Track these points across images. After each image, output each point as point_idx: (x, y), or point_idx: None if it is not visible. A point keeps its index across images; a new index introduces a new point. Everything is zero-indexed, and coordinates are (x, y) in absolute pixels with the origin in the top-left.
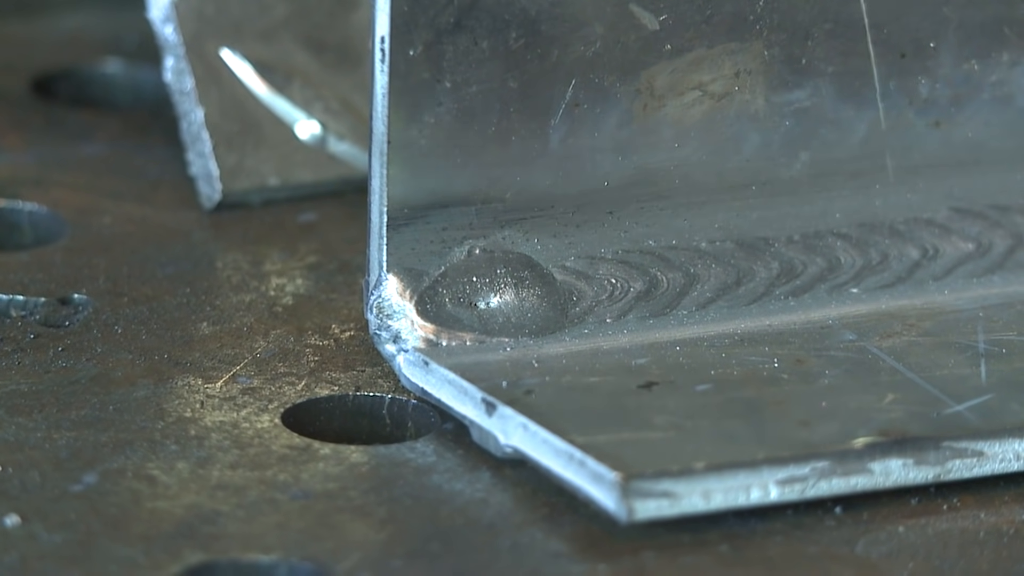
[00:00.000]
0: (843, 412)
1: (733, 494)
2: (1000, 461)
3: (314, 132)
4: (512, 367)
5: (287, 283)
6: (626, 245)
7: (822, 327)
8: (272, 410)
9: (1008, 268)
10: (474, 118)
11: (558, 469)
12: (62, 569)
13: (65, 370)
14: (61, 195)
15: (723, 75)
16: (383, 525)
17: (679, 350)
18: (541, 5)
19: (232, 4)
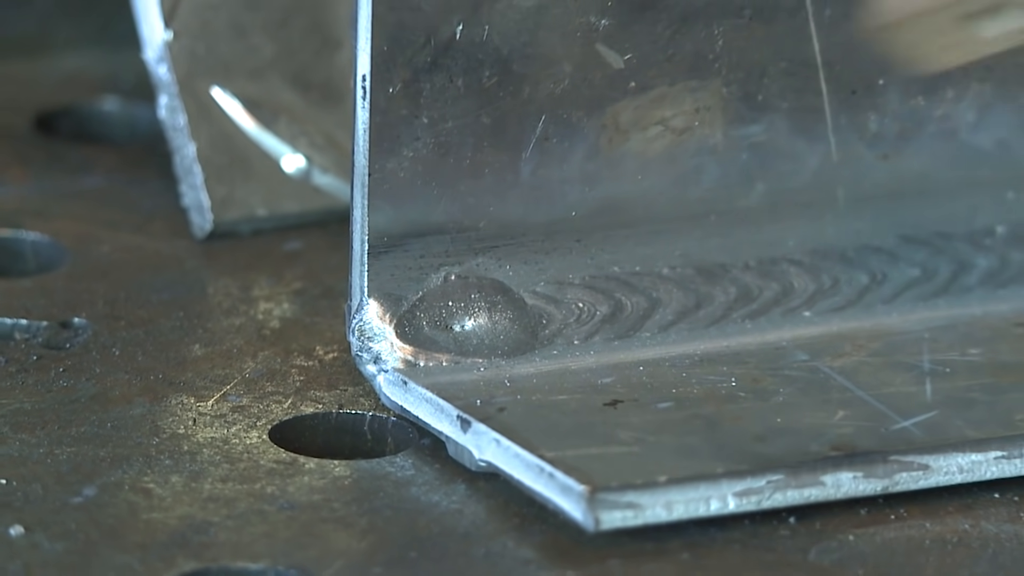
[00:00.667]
0: (797, 428)
1: (693, 505)
2: (944, 474)
3: (299, 166)
4: (485, 386)
5: (274, 307)
6: (592, 271)
7: (777, 348)
8: (260, 427)
9: (952, 292)
10: (450, 152)
11: (529, 482)
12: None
13: (66, 389)
14: (62, 225)
15: (684, 111)
16: (364, 534)
17: (642, 370)
18: (513, 45)
19: (222, 45)
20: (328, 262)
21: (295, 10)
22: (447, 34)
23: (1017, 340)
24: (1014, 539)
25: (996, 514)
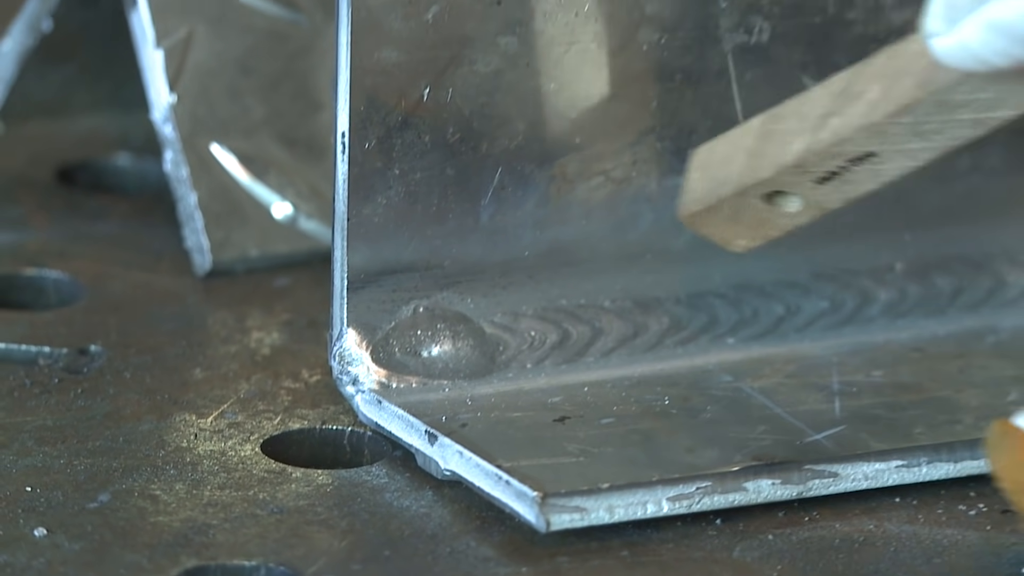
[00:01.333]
0: (722, 441)
1: (632, 508)
2: (851, 480)
3: (287, 212)
4: (450, 405)
5: (265, 336)
6: (543, 304)
7: (704, 371)
8: (253, 441)
9: (856, 322)
10: (418, 199)
11: (488, 488)
12: (81, 572)
13: (83, 408)
14: (80, 265)
15: (623, 163)
16: (344, 535)
17: (587, 390)
18: (473, 106)
19: (220, 107)
20: (312, 296)
21: (283, 76)
22: (416, 96)
23: (915, 363)
24: (913, 538)
25: (897, 516)
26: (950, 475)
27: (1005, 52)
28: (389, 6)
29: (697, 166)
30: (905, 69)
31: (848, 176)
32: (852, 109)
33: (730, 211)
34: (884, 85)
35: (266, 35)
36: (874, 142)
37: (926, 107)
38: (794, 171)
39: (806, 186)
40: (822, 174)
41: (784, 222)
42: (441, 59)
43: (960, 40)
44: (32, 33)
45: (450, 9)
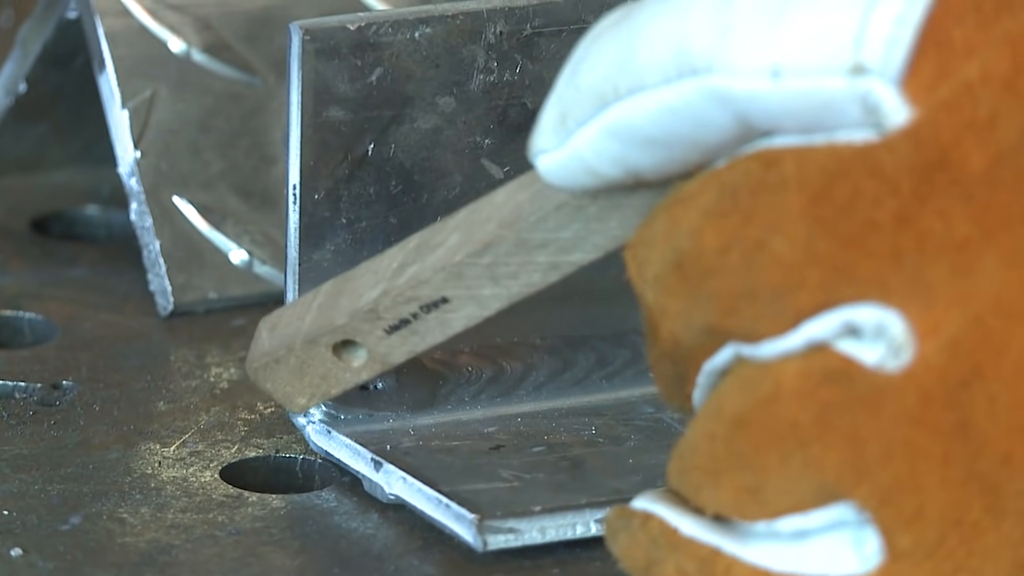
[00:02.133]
0: (645, 467)
1: (562, 530)
2: None
3: (243, 258)
4: (394, 434)
5: (224, 372)
6: (480, 341)
7: (628, 403)
8: (213, 467)
9: None
10: (364, 246)
11: (429, 511)
12: None
13: (56, 438)
14: (54, 306)
15: None
16: (297, 554)
17: (520, 421)
18: (414, 160)
19: (181, 161)
20: None
21: (239, 134)
22: (361, 151)
23: None
24: None
25: None
26: None
27: (619, 159)
28: (336, 69)
29: (267, 327)
30: (487, 216)
31: (417, 326)
32: (430, 256)
33: (296, 363)
34: (464, 232)
35: (223, 96)
36: (450, 285)
37: (506, 246)
38: (366, 316)
39: (375, 336)
40: (393, 322)
41: (348, 376)
42: (384, 117)
43: (572, 150)
44: (8, 95)
45: (392, 72)
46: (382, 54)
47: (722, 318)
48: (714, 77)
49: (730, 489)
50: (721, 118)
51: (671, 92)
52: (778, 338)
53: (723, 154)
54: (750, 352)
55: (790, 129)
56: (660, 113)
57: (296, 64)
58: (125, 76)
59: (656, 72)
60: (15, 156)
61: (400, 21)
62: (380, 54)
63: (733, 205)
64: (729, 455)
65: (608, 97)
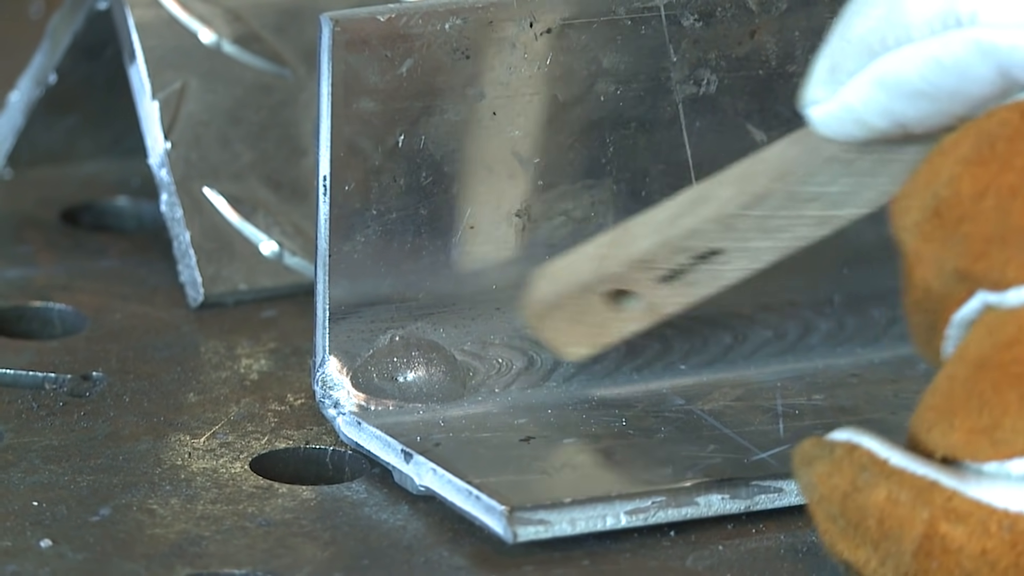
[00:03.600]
0: (675, 459)
1: (592, 521)
2: (795, 496)
3: (273, 249)
4: (424, 426)
5: (254, 363)
6: (510, 333)
7: (658, 394)
8: (243, 459)
9: (799, 350)
10: (394, 237)
11: (459, 503)
12: None
13: (86, 429)
14: (84, 298)
15: (582, 204)
16: (327, 546)
17: (550, 412)
18: (444, 151)
19: (211, 153)
20: (297, 326)
21: (270, 125)
22: (391, 143)
23: (852, 388)
24: None
25: None
26: None
27: (887, 110)
28: (366, 60)
29: (543, 275)
30: (760, 170)
31: (690, 276)
32: (703, 208)
33: (573, 311)
34: (737, 185)
35: (253, 87)
36: (722, 237)
37: (777, 199)
38: (640, 265)
39: (648, 285)
40: (666, 271)
41: (620, 326)
42: (414, 109)
43: (842, 102)
44: (39, 86)
45: (422, 63)
46: (412, 45)
47: (972, 263)
48: (978, 29)
49: (963, 430)
50: (984, 70)
51: (936, 44)
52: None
53: (986, 108)
54: (997, 300)
55: None
56: (926, 65)
57: (326, 55)
58: (155, 67)
59: (922, 24)
60: (45, 147)
61: (431, 12)
62: (410, 45)
63: (990, 153)
64: (967, 395)
65: (876, 49)
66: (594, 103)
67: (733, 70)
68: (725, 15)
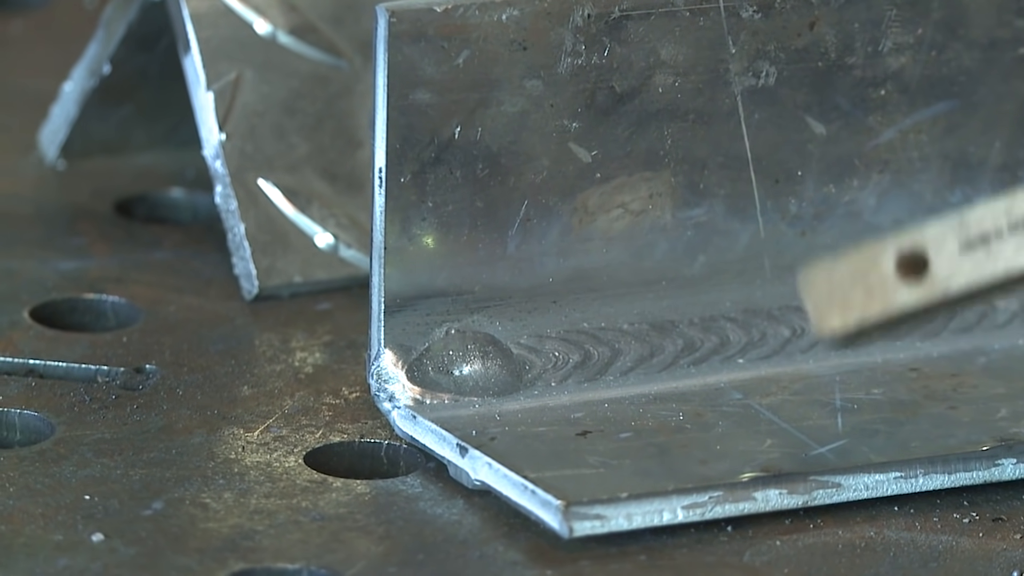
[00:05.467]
0: (733, 453)
1: (649, 516)
2: (853, 491)
3: (329, 242)
4: (479, 420)
5: (308, 356)
6: (566, 327)
7: (716, 389)
8: (297, 453)
9: None
10: (450, 230)
11: (515, 497)
12: (135, 575)
13: (139, 423)
14: (137, 290)
15: (640, 197)
16: (381, 540)
17: (607, 407)
18: (501, 143)
19: (266, 144)
20: (352, 319)
21: (325, 116)
22: (447, 135)
23: (911, 382)
24: (910, 544)
25: (896, 523)
26: (944, 485)
27: None
28: (423, 52)
29: None
30: None
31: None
32: None
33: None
34: None
35: (309, 78)
36: None
37: None
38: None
39: (948, 250)
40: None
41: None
42: (471, 100)
43: None
44: (93, 76)
45: (479, 54)
46: (469, 36)
47: None
48: None
49: None
50: None
51: None
52: None
53: None
54: None
55: None
56: None
57: (382, 46)
58: (210, 58)
59: None
60: (99, 138)
61: (487, 3)
62: (467, 37)
63: None
64: None
65: None
66: (652, 95)
67: (792, 62)
68: (784, 6)
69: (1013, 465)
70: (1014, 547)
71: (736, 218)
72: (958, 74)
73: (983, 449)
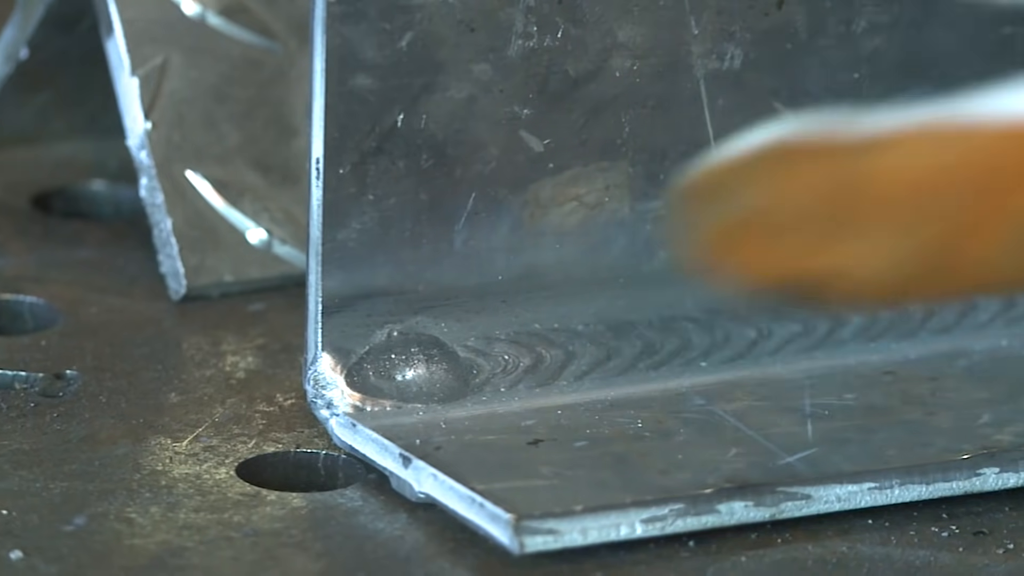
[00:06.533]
0: (695, 463)
1: (605, 531)
2: (824, 503)
3: (262, 237)
4: (424, 428)
5: (240, 360)
6: (516, 328)
7: (677, 394)
8: (228, 464)
9: (828, 346)
10: (392, 225)
11: (462, 511)
12: None
13: (59, 432)
14: (56, 290)
15: (595, 188)
16: (319, 557)
17: (560, 413)
18: (446, 132)
19: (195, 133)
20: (287, 321)
21: (258, 103)
22: (389, 123)
23: (886, 386)
24: (886, 560)
25: (870, 538)
26: (922, 497)
27: None
28: (363, 33)
29: None
30: None
31: None
32: None
33: None
34: None
35: (240, 63)
36: None
37: None
38: None
39: None
40: None
41: None
42: (415, 86)
43: None
44: (9, 61)
45: (424, 36)
46: (413, 17)
47: None
48: None
49: None
50: None
51: None
52: None
53: None
54: None
55: None
56: None
57: (320, 28)
58: (135, 41)
59: None
60: (16, 127)
61: None
62: (411, 17)
63: None
64: None
65: None
66: (609, 79)
67: (759, 43)
68: None
69: (995, 475)
70: (996, 562)
71: None
72: (937, 56)
73: (963, 458)
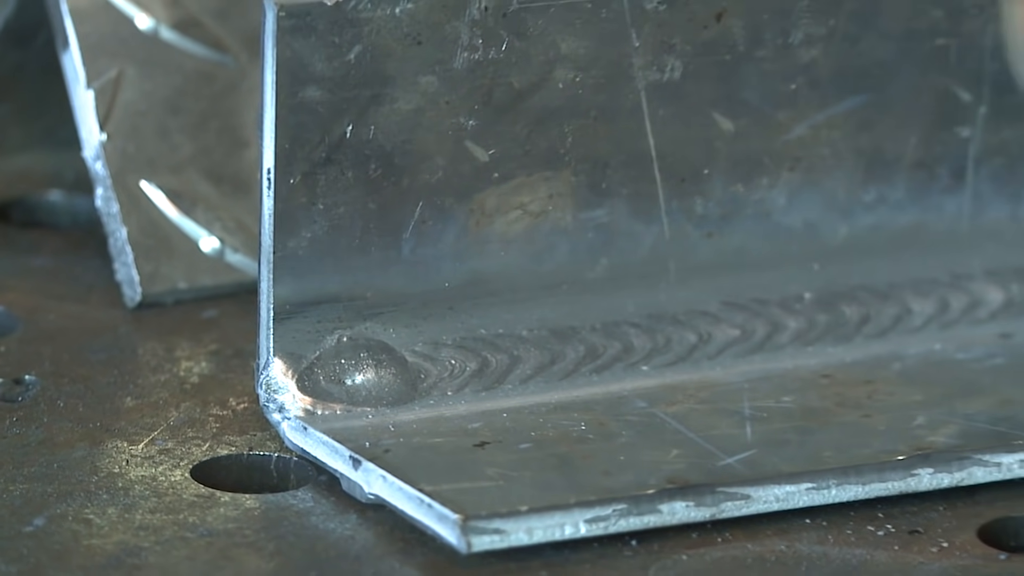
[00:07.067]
0: (637, 464)
1: (550, 530)
2: (763, 503)
3: (214, 246)
4: (373, 431)
5: (194, 366)
6: (463, 333)
7: (619, 397)
8: (183, 466)
9: (767, 350)
10: (342, 233)
11: (411, 512)
12: None
13: (18, 436)
14: (15, 297)
15: (539, 197)
16: (272, 557)
17: (506, 416)
18: (394, 142)
19: (149, 145)
20: (239, 327)
21: (211, 115)
22: (339, 134)
23: (823, 389)
24: (823, 558)
25: (807, 537)
26: (859, 497)
27: None
28: (313, 47)
29: None
30: None
31: None
32: None
33: None
34: None
35: (193, 75)
36: None
37: None
38: None
39: None
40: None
41: None
42: (363, 97)
43: None
44: None
45: (372, 49)
46: (361, 31)
47: None
48: None
49: None
50: None
51: None
52: None
53: None
54: None
55: None
56: None
57: (270, 42)
58: (90, 54)
59: None
60: None
61: None
62: (359, 31)
63: None
64: None
65: None
66: (552, 91)
67: (698, 55)
68: None
69: (930, 475)
70: (931, 560)
71: (640, 219)
72: (872, 67)
73: (899, 459)
